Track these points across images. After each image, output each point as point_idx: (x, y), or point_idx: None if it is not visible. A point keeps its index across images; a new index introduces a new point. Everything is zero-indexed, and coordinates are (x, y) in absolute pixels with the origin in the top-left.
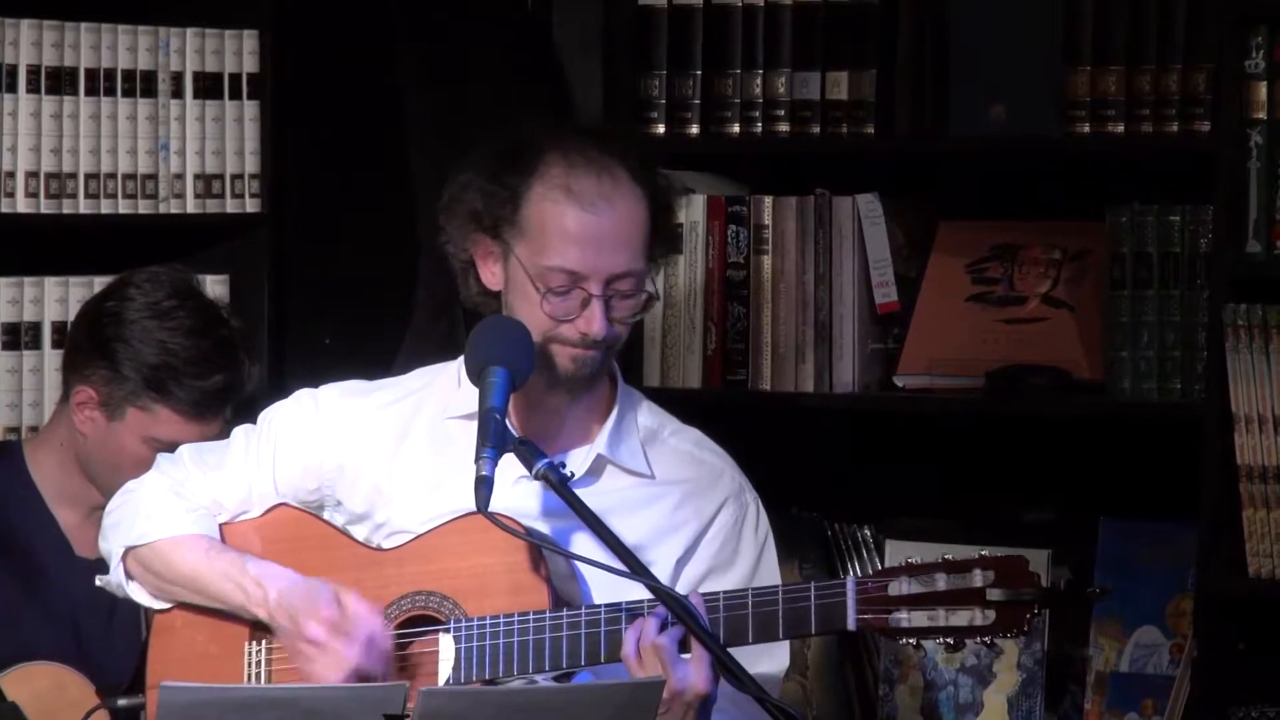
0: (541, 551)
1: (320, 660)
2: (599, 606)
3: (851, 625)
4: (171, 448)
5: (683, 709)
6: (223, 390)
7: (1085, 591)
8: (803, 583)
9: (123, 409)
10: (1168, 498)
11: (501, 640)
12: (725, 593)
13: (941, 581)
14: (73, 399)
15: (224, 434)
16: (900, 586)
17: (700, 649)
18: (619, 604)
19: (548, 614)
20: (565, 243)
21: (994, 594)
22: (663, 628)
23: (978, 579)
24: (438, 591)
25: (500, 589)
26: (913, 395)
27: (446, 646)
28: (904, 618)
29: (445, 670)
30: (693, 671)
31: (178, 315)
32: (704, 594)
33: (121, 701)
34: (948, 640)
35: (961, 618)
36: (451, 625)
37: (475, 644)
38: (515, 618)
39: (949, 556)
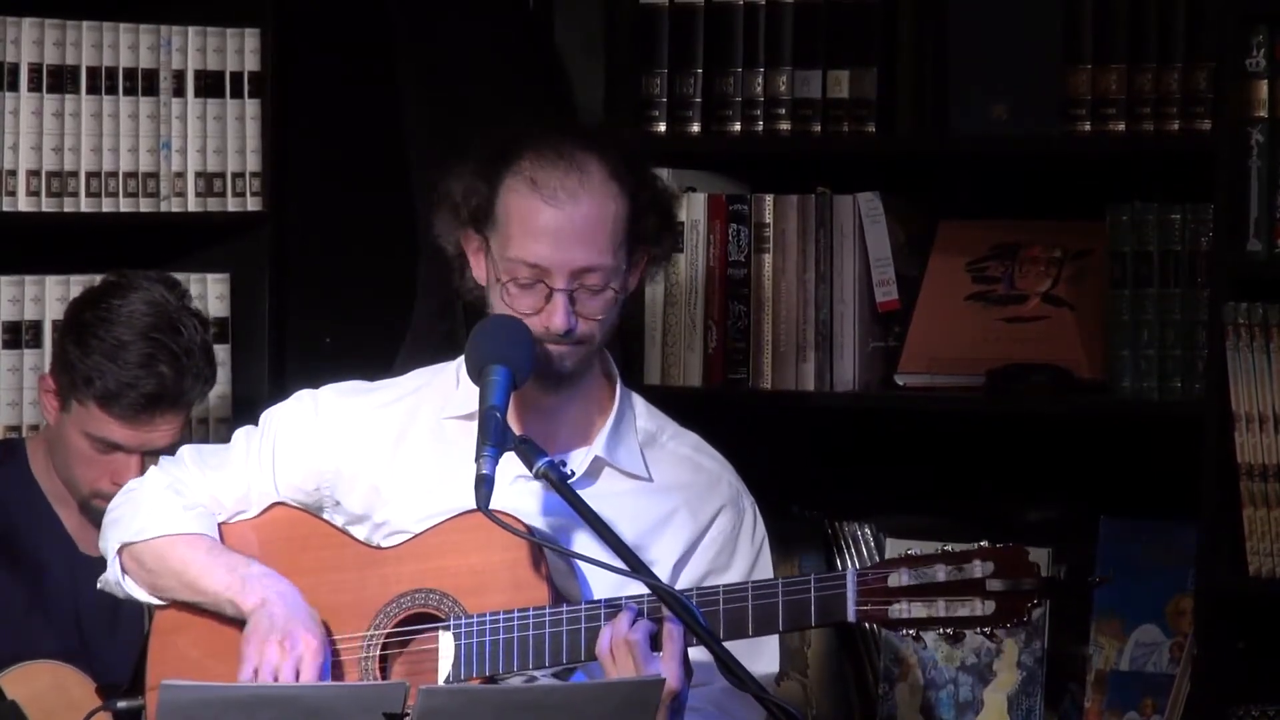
0: (541, 549)
1: (258, 664)
2: (598, 601)
3: (851, 617)
4: (109, 447)
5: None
6: (153, 397)
7: (1085, 580)
8: (803, 575)
9: (69, 402)
10: (1168, 496)
11: (501, 637)
12: (725, 586)
13: (941, 573)
14: (40, 384)
15: (168, 439)
16: (900, 578)
17: (673, 647)
18: (618, 599)
19: (547, 610)
20: (528, 236)
21: (994, 584)
22: (634, 622)
23: (977, 570)
24: (437, 589)
25: (500, 586)
26: (913, 394)
27: (446, 644)
28: (903, 609)
29: (445, 668)
30: (663, 669)
31: (131, 319)
32: (704, 588)
33: (121, 704)
34: (947, 631)
35: (961, 608)
36: (451, 622)
37: (475, 641)
38: (515, 614)
39: (949, 548)
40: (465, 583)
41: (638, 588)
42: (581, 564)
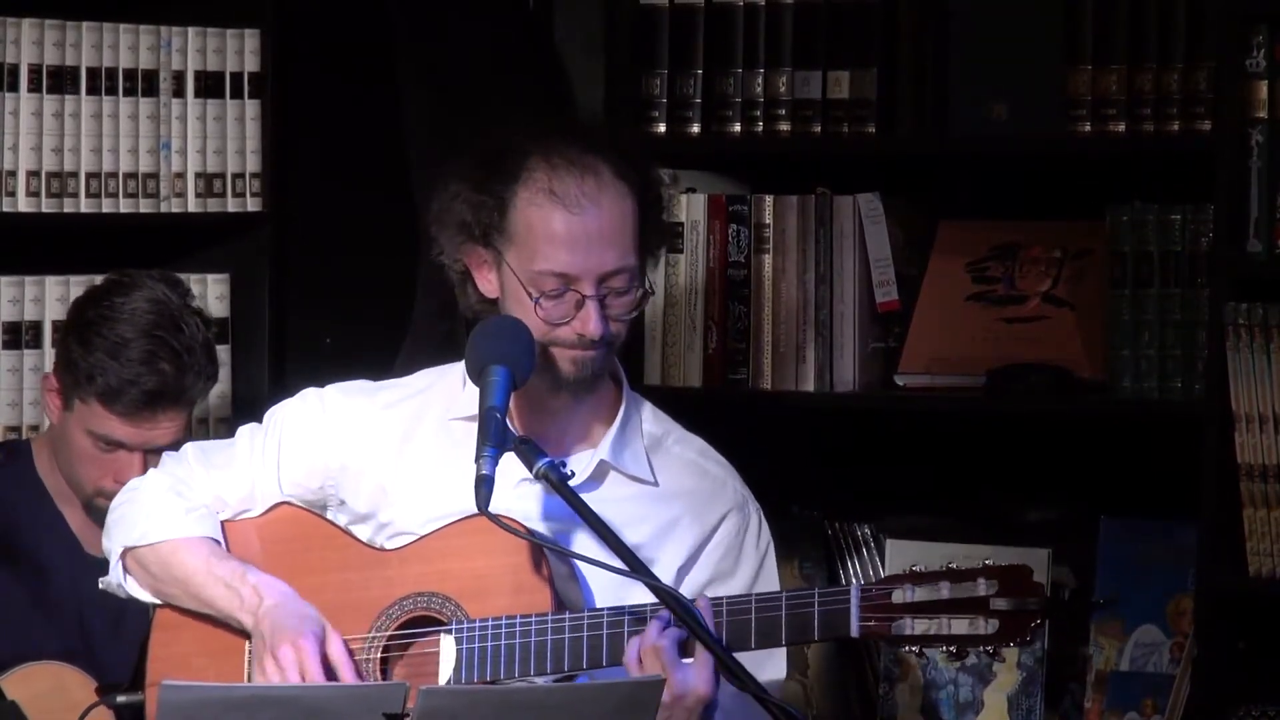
0: (544, 553)
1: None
2: (601, 610)
3: (855, 632)
4: (111, 445)
5: (684, 713)
6: (155, 394)
7: (1090, 600)
8: (806, 588)
9: (71, 400)
10: (1168, 497)
11: (503, 642)
12: (728, 598)
13: (945, 590)
14: (43, 384)
15: (170, 437)
16: (904, 594)
17: (702, 653)
18: (621, 607)
19: (549, 616)
20: (553, 246)
21: (998, 603)
22: (664, 630)
23: (981, 588)
24: (440, 592)
25: (502, 590)
26: (913, 394)
27: (447, 647)
28: (907, 625)
29: (446, 671)
30: (693, 675)
31: (134, 317)
32: (707, 599)
33: (121, 699)
34: (950, 649)
35: (965, 626)
36: (453, 626)
37: (476, 645)
38: (517, 619)
39: (953, 565)
40: (467, 586)
41: (640, 592)
42: (583, 567)
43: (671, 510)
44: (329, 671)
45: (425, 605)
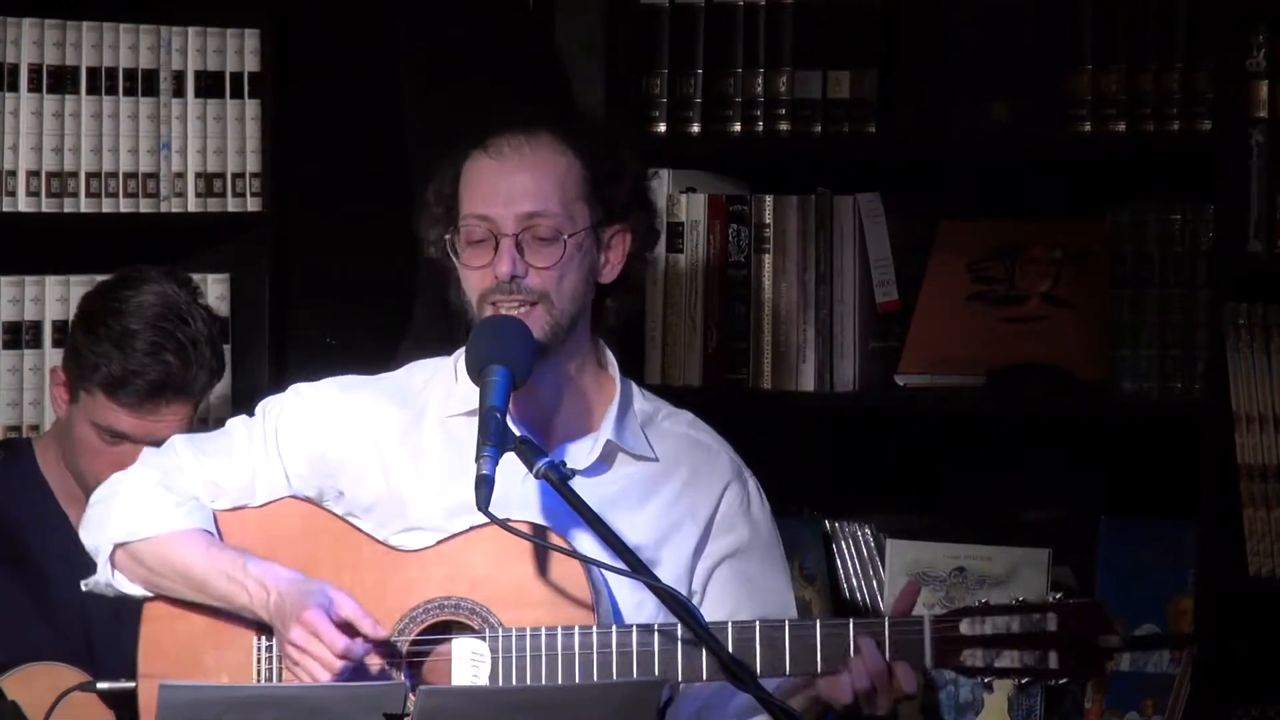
0: (584, 564)
1: (302, 665)
2: (651, 625)
3: (929, 663)
4: (115, 437)
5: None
6: (159, 385)
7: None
8: (876, 619)
9: (77, 392)
10: (1168, 497)
11: (544, 653)
12: (792, 621)
13: (1015, 624)
14: (51, 377)
15: (173, 430)
16: (973, 626)
17: (869, 648)
18: (673, 627)
19: (595, 629)
20: (477, 193)
21: (1067, 639)
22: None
23: (1052, 623)
24: (469, 598)
25: (538, 600)
26: (913, 394)
27: (480, 654)
28: (977, 656)
29: (482, 679)
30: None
31: (140, 309)
32: (768, 620)
33: (101, 685)
34: (1021, 681)
35: (1035, 659)
36: (487, 633)
37: (514, 654)
38: (558, 630)
39: (1022, 599)
40: (501, 594)
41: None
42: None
43: (674, 484)
44: (350, 632)
45: (453, 610)
